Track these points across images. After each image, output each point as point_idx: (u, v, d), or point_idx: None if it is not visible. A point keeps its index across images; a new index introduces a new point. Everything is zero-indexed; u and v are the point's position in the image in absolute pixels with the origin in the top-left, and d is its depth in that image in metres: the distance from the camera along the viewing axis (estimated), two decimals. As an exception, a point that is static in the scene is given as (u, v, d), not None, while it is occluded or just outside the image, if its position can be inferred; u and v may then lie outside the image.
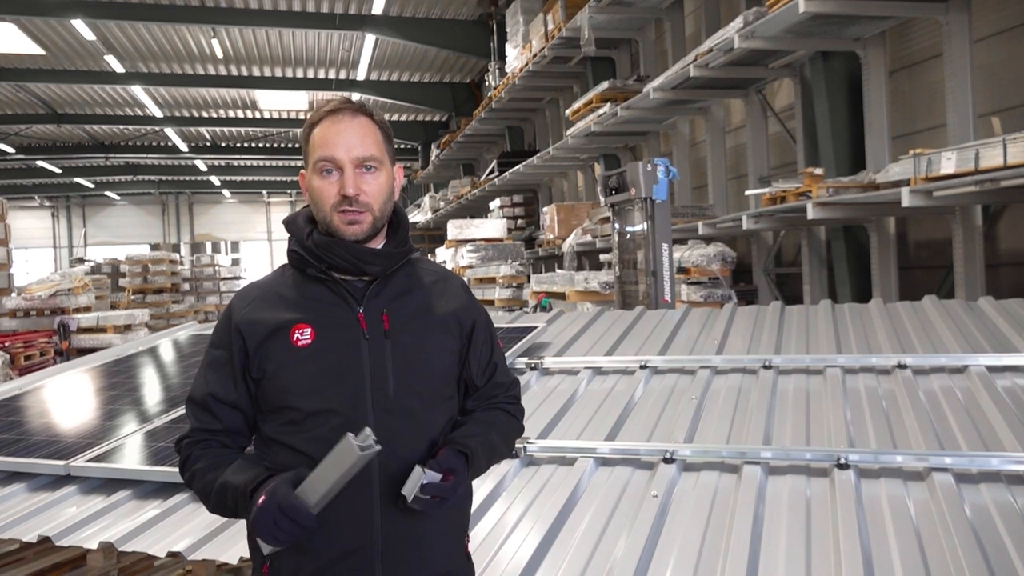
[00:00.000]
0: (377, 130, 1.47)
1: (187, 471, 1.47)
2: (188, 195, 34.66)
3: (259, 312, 1.47)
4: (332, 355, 1.41)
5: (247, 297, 1.51)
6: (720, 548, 2.03)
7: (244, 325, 1.46)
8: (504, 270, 11.13)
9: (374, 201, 1.44)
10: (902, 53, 6.63)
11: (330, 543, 1.38)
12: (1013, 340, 3.20)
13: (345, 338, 1.43)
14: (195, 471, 1.45)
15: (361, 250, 1.44)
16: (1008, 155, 4.27)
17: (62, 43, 15.97)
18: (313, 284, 1.47)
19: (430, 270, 1.59)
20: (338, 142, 1.42)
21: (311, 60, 17.84)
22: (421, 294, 1.52)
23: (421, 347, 1.47)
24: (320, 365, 1.40)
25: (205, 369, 1.50)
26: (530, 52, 11.80)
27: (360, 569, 1.39)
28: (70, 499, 2.76)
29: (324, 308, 1.45)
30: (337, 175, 1.43)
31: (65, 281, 12.88)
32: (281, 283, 1.50)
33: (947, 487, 2.16)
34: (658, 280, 6.11)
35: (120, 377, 4.04)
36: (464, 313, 1.56)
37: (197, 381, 1.51)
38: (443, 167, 20.51)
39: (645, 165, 6.16)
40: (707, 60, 7.16)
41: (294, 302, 1.46)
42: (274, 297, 1.48)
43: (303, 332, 1.42)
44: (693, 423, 2.79)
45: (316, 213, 1.47)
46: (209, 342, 1.52)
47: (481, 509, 2.35)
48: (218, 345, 1.50)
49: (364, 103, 1.49)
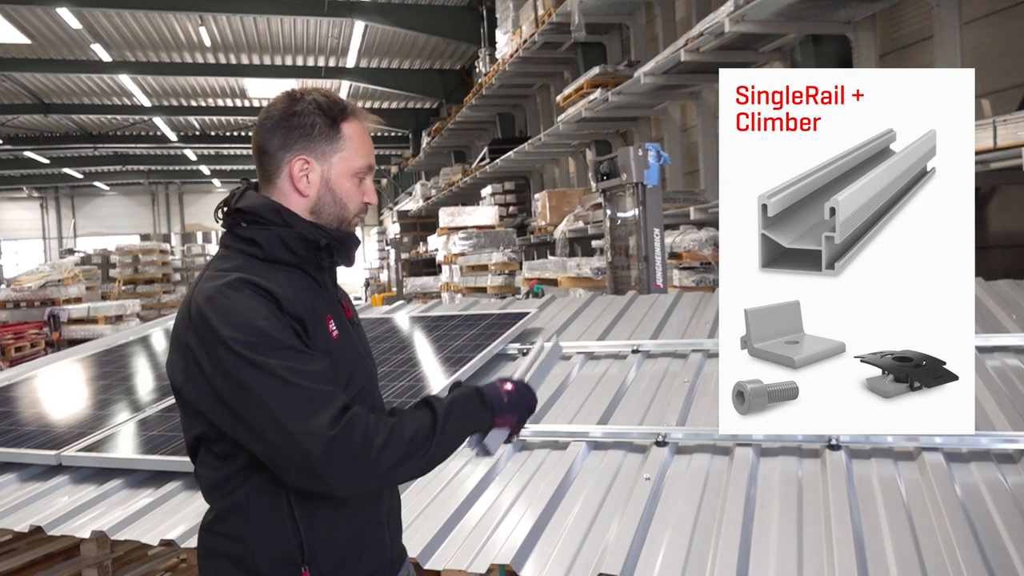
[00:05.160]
0: None
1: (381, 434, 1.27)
2: (178, 185, 34.47)
3: (299, 301, 1.38)
4: (351, 343, 1.48)
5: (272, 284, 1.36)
6: (712, 530, 2.04)
7: (301, 312, 1.36)
8: (496, 257, 11.12)
9: None
10: (892, 36, 6.63)
11: (361, 524, 1.44)
12: (1003, 321, 3.22)
13: (347, 327, 1.50)
14: (398, 426, 1.31)
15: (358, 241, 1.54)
16: (998, 137, 4.28)
17: (48, 32, 15.81)
18: (301, 277, 1.43)
19: None
20: (371, 151, 1.50)
21: (300, 47, 17.72)
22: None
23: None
24: (351, 353, 1.46)
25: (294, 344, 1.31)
26: (520, 38, 11.74)
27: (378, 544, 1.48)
28: (62, 489, 2.75)
29: (326, 299, 1.47)
30: (359, 180, 1.49)
31: (55, 272, 12.83)
32: (271, 275, 1.38)
33: (937, 467, 2.17)
34: (650, 265, 6.12)
35: (111, 367, 4.02)
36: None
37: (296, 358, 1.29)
38: (434, 154, 20.45)
39: (636, 150, 6.15)
40: (698, 44, 7.14)
41: (304, 294, 1.40)
42: (288, 287, 1.38)
43: (329, 324, 1.44)
44: (685, 406, 2.79)
45: (335, 210, 1.46)
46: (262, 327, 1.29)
47: (474, 493, 2.36)
48: (280, 327, 1.32)
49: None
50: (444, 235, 13.13)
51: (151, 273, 19.07)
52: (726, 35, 6.66)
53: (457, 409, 1.39)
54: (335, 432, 1.24)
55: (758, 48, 7.71)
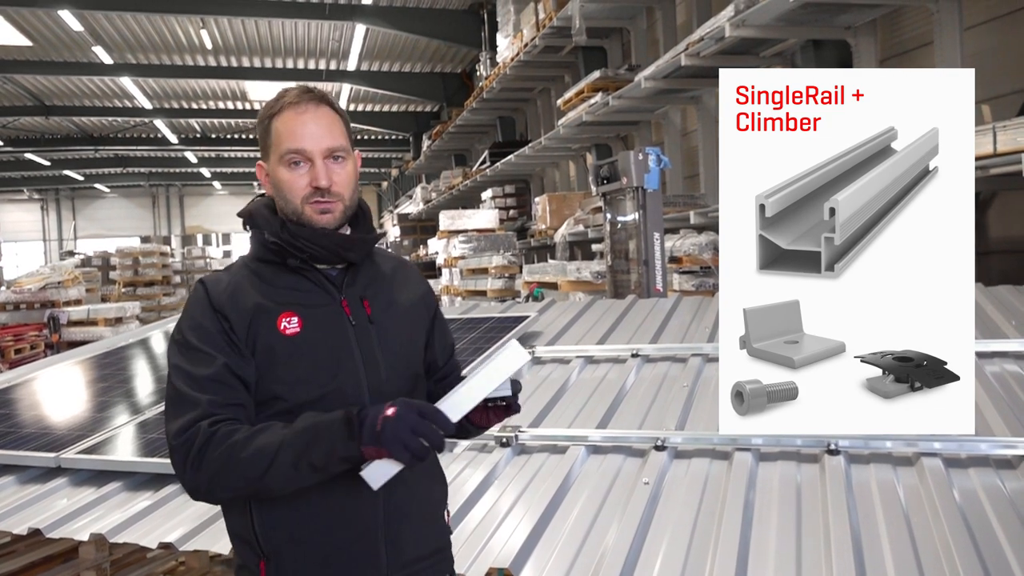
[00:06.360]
0: (340, 119, 1.48)
1: (215, 449, 1.29)
2: (178, 187, 34.49)
3: (239, 297, 1.41)
4: (323, 343, 1.41)
5: (219, 283, 1.43)
6: (711, 534, 2.04)
7: (227, 308, 1.39)
8: (496, 260, 11.12)
9: (344, 191, 1.45)
10: (893, 41, 6.64)
11: (335, 531, 1.37)
12: (1002, 326, 3.22)
13: (333, 326, 1.43)
14: (234, 443, 1.28)
15: (340, 237, 1.46)
16: (998, 143, 4.28)
17: (49, 34, 15.83)
18: (288, 274, 1.45)
19: (386, 257, 1.62)
20: (305, 133, 1.42)
21: (301, 51, 17.74)
22: (389, 280, 1.55)
23: (402, 331, 1.51)
24: (313, 354, 1.40)
25: (201, 345, 1.37)
26: (521, 42, 11.76)
27: (366, 553, 1.39)
28: (61, 491, 2.75)
29: (306, 297, 1.44)
30: (306, 167, 1.42)
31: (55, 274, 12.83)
32: (251, 274, 1.45)
33: (936, 472, 2.17)
34: (650, 269, 6.12)
35: (111, 369, 4.02)
36: (429, 297, 1.62)
37: (190, 360, 1.37)
38: (434, 158, 20.46)
39: (637, 154, 6.15)
40: (698, 49, 7.15)
41: (272, 292, 1.43)
42: (248, 286, 1.43)
43: (290, 321, 1.40)
44: (684, 410, 2.79)
45: (283, 204, 1.45)
46: (186, 326, 1.40)
47: (473, 497, 2.36)
48: (204, 326, 1.39)
49: (325, 92, 1.48)
50: (444, 238, 13.13)
51: (151, 275, 19.06)
52: (727, 40, 6.67)
53: (307, 436, 1.27)
54: (177, 442, 1.32)
55: (759, 53, 7.72)
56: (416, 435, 1.24)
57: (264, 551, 1.37)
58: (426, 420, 1.25)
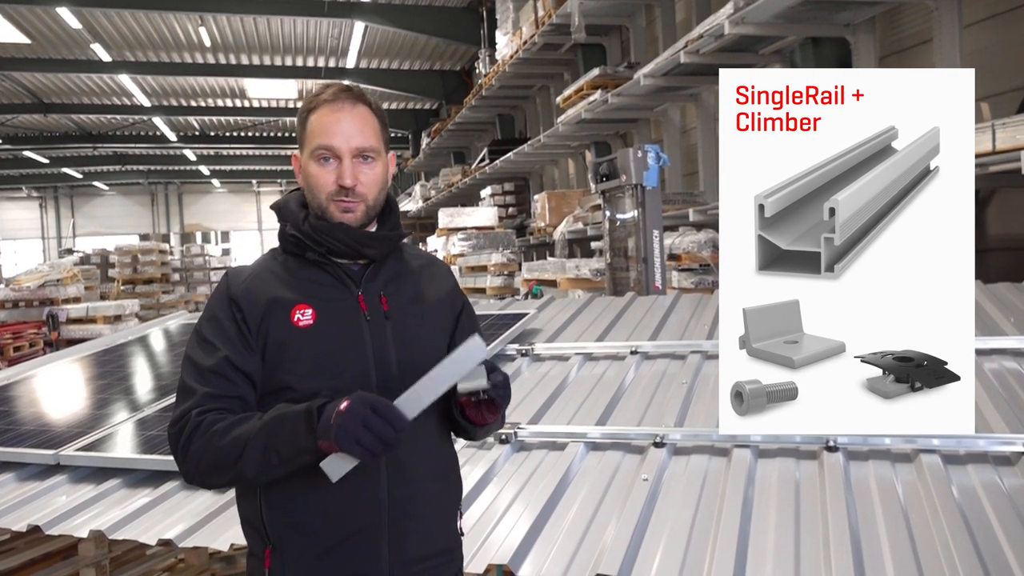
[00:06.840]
0: (375, 120, 1.48)
1: (199, 438, 1.35)
2: (177, 185, 34.43)
3: (256, 288, 1.45)
4: (335, 336, 1.43)
5: (240, 275, 1.49)
6: (710, 530, 2.04)
7: (243, 299, 1.43)
8: (495, 258, 11.12)
9: (369, 192, 1.46)
10: (892, 39, 6.64)
11: (337, 522, 1.38)
12: (1001, 324, 3.22)
13: (347, 319, 1.45)
14: (215, 431, 1.34)
15: (360, 233, 1.47)
16: (997, 140, 4.29)
17: (47, 31, 15.80)
18: (309, 267, 1.48)
19: (417, 255, 1.62)
20: (337, 131, 1.43)
21: (300, 48, 17.71)
22: (414, 278, 1.55)
23: (420, 328, 1.51)
24: (324, 346, 1.42)
25: (210, 337, 1.43)
26: (520, 39, 11.75)
27: (367, 548, 1.39)
28: (60, 488, 2.75)
29: (323, 290, 1.46)
30: (335, 164, 1.44)
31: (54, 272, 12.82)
32: (274, 266, 1.50)
33: (935, 469, 2.17)
34: (649, 267, 6.12)
35: (110, 366, 4.02)
36: (455, 296, 1.61)
37: (199, 351, 1.43)
38: (434, 155, 20.45)
39: (636, 152, 6.15)
40: (698, 46, 7.15)
41: (291, 284, 1.46)
42: (270, 277, 1.47)
43: (304, 313, 1.43)
44: (683, 407, 2.80)
45: (311, 198, 1.48)
46: (204, 316, 1.47)
47: (473, 493, 2.36)
48: (218, 317, 1.44)
49: (363, 91, 1.49)
50: (443, 236, 13.11)
51: (150, 273, 19.00)
52: (726, 37, 6.67)
53: (273, 427, 1.32)
54: (171, 431, 1.40)
55: (758, 50, 7.72)
56: (367, 430, 1.25)
57: (270, 538, 1.39)
58: (378, 415, 1.26)
